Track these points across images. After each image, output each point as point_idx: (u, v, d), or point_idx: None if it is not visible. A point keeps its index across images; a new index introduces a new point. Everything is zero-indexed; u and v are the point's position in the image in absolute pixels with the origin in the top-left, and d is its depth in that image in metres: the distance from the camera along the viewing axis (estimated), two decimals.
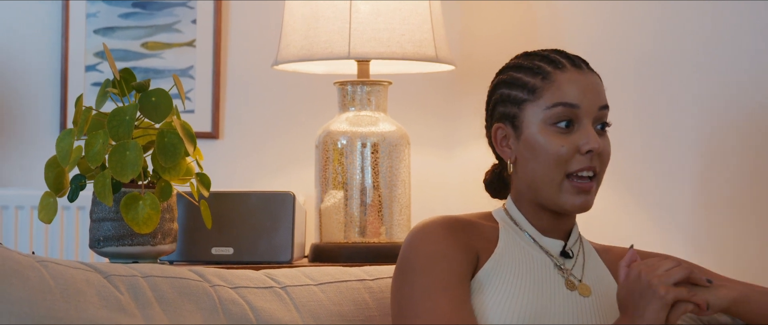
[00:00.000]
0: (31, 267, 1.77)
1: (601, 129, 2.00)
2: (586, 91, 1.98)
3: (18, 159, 3.34)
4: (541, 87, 1.98)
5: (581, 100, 1.97)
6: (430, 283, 1.89)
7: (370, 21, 2.73)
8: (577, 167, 1.96)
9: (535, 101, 1.98)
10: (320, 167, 2.79)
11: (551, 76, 1.98)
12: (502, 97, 2.03)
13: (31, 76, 3.35)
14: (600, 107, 1.99)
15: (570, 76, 1.98)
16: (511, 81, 2.02)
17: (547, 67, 1.99)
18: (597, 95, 1.99)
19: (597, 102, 1.99)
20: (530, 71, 2.00)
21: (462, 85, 3.19)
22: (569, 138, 1.96)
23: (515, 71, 2.03)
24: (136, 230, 2.32)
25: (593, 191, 1.98)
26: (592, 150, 1.95)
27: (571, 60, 2.01)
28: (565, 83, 1.98)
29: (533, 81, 1.99)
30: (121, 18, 3.33)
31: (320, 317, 2.05)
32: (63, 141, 2.32)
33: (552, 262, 2.01)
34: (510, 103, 2.01)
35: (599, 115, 1.99)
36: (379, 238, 2.75)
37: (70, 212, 3.22)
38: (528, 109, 1.99)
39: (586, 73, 2.00)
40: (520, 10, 3.17)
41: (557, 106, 1.97)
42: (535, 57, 2.03)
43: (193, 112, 3.29)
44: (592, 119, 1.98)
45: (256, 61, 3.27)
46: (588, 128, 1.97)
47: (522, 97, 1.99)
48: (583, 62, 2.02)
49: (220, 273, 2.04)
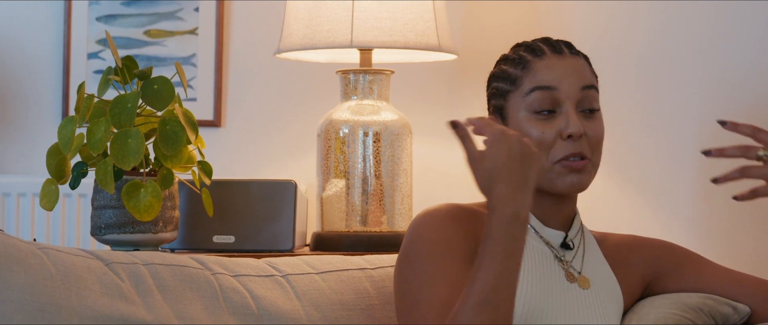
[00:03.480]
0: (32, 254, 1.77)
1: (590, 113, 1.99)
2: (564, 73, 1.97)
3: (20, 146, 3.34)
4: (521, 75, 1.99)
5: (558, 82, 1.96)
6: (434, 270, 1.89)
7: (373, 10, 2.73)
8: (562, 154, 1.95)
9: (515, 91, 1.99)
10: (322, 155, 2.79)
11: (530, 64, 1.99)
12: (493, 91, 2.05)
13: (33, 64, 3.35)
14: (582, 87, 1.97)
15: (548, 62, 1.98)
16: (499, 74, 2.04)
17: (528, 56, 2.00)
18: (577, 76, 1.98)
19: (577, 83, 1.97)
20: (513, 62, 2.02)
21: (464, 74, 3.18)
22: (551, 124, 1.96)
23: (504, 63, 2.05)
24: (137, 217, 2.33)
25: (587, 170, 1.97)
26: (572, 134, 1.94)
27: (551, 46, 2.00)
28: (542, 69, 1.98)
29: (514, 71, 2.00)
30: (124, 5, 3.32)
31: (321, 305, 2.05)
32: (65, 128, 2.32)
33: (552, 253, 2.01)
34: (498, 96, 2.03)
35: (582, 96, 1.97)
36: (380, 227, 2.75)
37: (71, 199, 3.22)
38: (511, 100, 2.00)
39: (566, 56, 1.99)
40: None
41: (534, 90, 1.97)
42: (520, 47, 2.04)
43: (195, 100, 3.28)
44: (574, 102, 1.97)
45: (258, 49, 3.27)
46: (569, 112, 1.96)
47: (506, 89, 2.01)
48: (566, 46, 2.01)
49: (222, 261, 2.04)
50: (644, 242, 2.13)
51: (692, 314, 2.05)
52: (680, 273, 2.12)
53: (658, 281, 2.12)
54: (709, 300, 2.08)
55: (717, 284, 2.11)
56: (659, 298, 2.10)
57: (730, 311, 2.08)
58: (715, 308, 2.07)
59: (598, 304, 2.00)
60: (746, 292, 2.10)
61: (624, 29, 3.02)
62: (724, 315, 2.07)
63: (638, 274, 2.10)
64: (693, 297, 2.09)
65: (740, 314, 2.08)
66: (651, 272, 2.12)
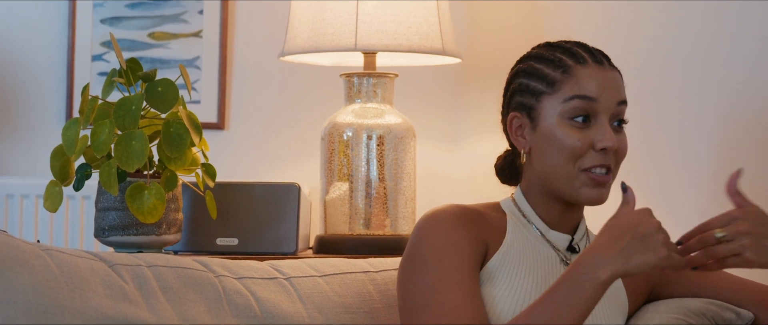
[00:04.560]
0: (36, 256, 1.77)
1: (618, 126, 1.99)
2: (605, 86, 1.96)
3: (23, 148, 3.34)
4: (561, 80, 1.97)
5: (599, 94, 1.95)
6: (440, 273, 1.89)
7: (377, 13, 2.73)
8: (590, 164, 1.95)
9: (553, 94, 1.97)
10: (326, 158, 2.79)
11: (571, 70, 1.97)
12: (520, 87, 2.01)
13: (38, 65, 3.35)
14: (618, 103, 1.97)
15: (590, 71, 1.97)
16: (530, 71, 2.01)
17: (569, 60, 1.98)
18: (616, 91, 1.98)
19: (615, 97, 1.97)
20: (551, 63, 1.99)
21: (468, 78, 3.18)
22: (585, 133, 1.95)
23: (536, 62, 2.01)
24: (141, 219, 2.33)
25: (609, 184, 1.97)
26: (606, 148, 1.94)
27: (592, 54, 1.99)
28: (585, 77, 1.96)
29: (553, 74, 1.97)
30: (128, 8, 3.33)
31: (324, 308, 2.05)
32: (69, 130, 2.32)
33: (558, 257, 2.01)
34: (528, 94, 1.99)
35: (616, 111, 1.97)
36: (383, 230, 2.75)
37: (75, 201, 3.22)
38: (546, 102, 1.97)
39: (606, 68, 1.99)
40: (526, 3, 3.17)
41: (575, 99, 1.95)
42: (557, 49, 2.01)
43: (199, 103, 3.29)
44: (609, 115, 1.96)
45: (262, 52, 3.27)
46: (604, 125, 1.95)
47: (540, 89, 1.98)
48: (605, 57, 2.01)
49: (225, 264, 2.04)
50: None
51: (696, 319, 2.05)
52: (684, 278, 2.12)
53: (662, 287, 2.12)
54: (713, 306, 2.08)
55: (720, 290, 2.11)
56: (663, 303, 2.10)
57: (733, 316, 2.08)
58: (718, 314, 2.07)
59: (603, 307, 1.99)
60: (749, 298, 2.10)
61: (626, 31, 3.02)
62: (727, 320, 2.07)
63: (642, 278, 2.10)
64: (696, 302, 2.09)
65: (743, 319, 2.08)
66: (654, 277, 2.12)
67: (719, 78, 2.90)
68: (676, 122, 2.96)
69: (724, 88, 2.90)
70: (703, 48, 2.93)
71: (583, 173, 1.95)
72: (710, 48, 2.92)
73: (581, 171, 1.95)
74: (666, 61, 2.97)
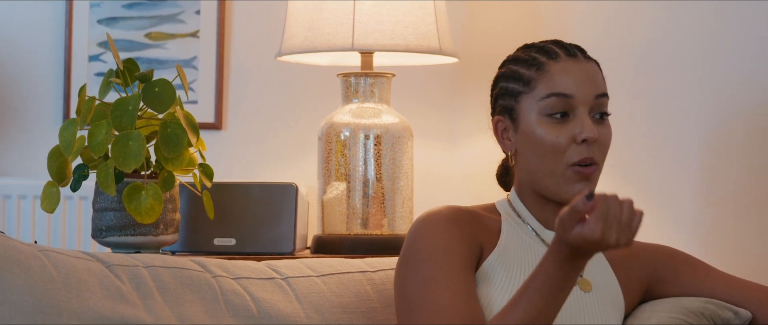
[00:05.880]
0: (33, 256, 1.77)
1: (600, 118, 1.99)
2: (580, 80, 1.97)
3: (20, 148, 3.34)
4: (535, 78, 1.98)
5: (575, 90, 1.96)
6: (436, 273, 1.89)
7: (374, 13, 2.73)
8: (576, 158, 1.95)
9: (530, 93, 1.98)
10: (323, 158, 2.79)
11: (545, 67, 1.98)
12: (501, 91, 2.03)
13: (35, 66, 3.35)
14: (596, 96, 1.97)
15: (564, 66, 1.98)
16: (509, 74, 2.03)
17: (542, 57, 1.99)
18: (592, 84, 1.98)
19: (592, 91, 1.97)
20: (526, 63, 2.00)
21: (465, 77, 3.18)
22: (565, 128, 1.96)
23: (513, 64, 2.03)
24: (138, 220, 2.33)
25: (594, 176, 1.97)
26: (587, 139, 1.94)
27: (566, 49, 2.00)
28: (558, 73, 1.97)
29: (528, 73, 1.99)
30: (125, 8, 3.33)
31: (322, 308, 2.05)
32: (66, 131, 2.32)
33: None
34: (508, 96, 2.01)
35: (596, 103, 1.97)
36: (381, 230, 2.75)
37: (72, 201, 3.22)
38: (524, 102, 1.99)
39: (580, 61, 1.99)
40: (524, 3, 3.17)
41: (550, 96, 1.96)
42: (532, 49, 2.03)
43: (196, 103, 3.28)
44: (588, 108, 1.97)
45: (259, 52, 3.27)
46: (583, 117, 1.95)
47: (518, 90, 1.99)
48: (579, 50, 2.01)
49: (222, 264, 2.04)
50: (644, 247, 2.13)
51: (694, 318, 2.05)
52: (680, 278, 2.12)
53: (657, 286, 2.12)
54: (711, 305, 2.08)
55: (717, 289, 2.11)
56: (660, 302, 2.10)
57: (731, 315, 2.08)
58: (716, 313, 2.07)
59: (599, 307, 1.99)
60: (747, 297, 2.10)
61: (624, 31, 3.02)
62: (725, 320, 2.07)
63: (638, 278, 2.10)
64: (694, 302, 2.09)
65: (741, 318, 2.08)
66: (650, 277, 2.12)
67: (719, 78, 2.90)
68: (676, 122, 2.96)
69: (724, 88, 2.90)
70: (703, 48, 2.93)
71: (569, 169, 1.95)
72: (710, 48, 2.92)
73: (569, 167, 1.95)
74: (665, 61, 2.97)
